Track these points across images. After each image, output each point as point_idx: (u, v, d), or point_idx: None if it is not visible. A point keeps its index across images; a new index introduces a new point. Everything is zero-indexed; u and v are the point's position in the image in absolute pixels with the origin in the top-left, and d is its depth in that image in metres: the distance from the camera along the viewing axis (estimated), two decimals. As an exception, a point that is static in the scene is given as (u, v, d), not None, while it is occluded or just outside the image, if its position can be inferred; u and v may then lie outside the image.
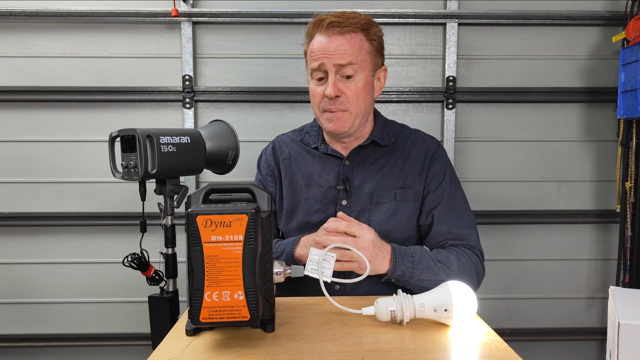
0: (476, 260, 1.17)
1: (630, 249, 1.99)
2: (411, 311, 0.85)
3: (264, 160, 1.33)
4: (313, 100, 1.19)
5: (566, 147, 2.10)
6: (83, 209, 2.06)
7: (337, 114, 1.15)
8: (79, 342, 2.11)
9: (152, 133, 1.16)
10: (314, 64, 1.13)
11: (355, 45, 1.12)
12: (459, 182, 1.28)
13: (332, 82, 1.12)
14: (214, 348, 0.77)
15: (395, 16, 2.01)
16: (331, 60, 1.11)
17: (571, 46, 2.06)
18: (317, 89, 1.16)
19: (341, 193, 1.21)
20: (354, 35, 1.12)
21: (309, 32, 1.18)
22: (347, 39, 1.11)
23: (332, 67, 1.11)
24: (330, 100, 1.13)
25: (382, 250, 1.05)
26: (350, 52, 1.11)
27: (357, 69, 1.13)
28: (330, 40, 1.11)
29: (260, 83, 2.04)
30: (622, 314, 0.68)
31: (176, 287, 1.41)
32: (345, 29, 1.11)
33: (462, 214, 1.22)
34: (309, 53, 1.16)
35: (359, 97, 1.15)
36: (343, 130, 1.17)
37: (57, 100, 2.02)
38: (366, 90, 1.16)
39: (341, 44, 1.11)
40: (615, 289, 0.78)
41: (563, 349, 2.18)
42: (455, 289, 0.85)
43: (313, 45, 1.14)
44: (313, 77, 1.16)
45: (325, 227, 1.05)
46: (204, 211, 0.71)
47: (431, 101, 2.06)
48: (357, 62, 1.12)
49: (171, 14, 1.92)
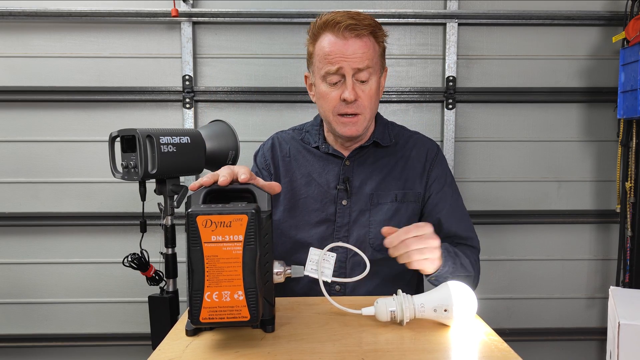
0: (478, 260, 1.21)
1: (630, 249, 1.99)
2: (411, 311, 0.85)
3: (261, 155, 1.32)
4: (326, 104, 1.15)
5: (566, 147, 2.10)
6: (83, 209, 2.06)
7: (353, 118, 1.14)
8: (79, 342, 2.11)
9: (152, 133, 1.16)
10: (331, 67, 1.10)
11: (370, 49, 1.11)
12: (456, 184, 1.30)
13: (351, 86, 1.10)
14: (214, 348, 0.77)
15: (395, 16, 2.01)
16: (350, 64, 1.09)
17: (571, 46, 2.06)
18: (332, 93, 1.13)
19: (341, 193, 1.21)
20: (367, 39, 1.11)
21: (315, 32, 1.14)
22: (364, 42, 1.10)
23: (350, 70, 1.10)
24: (348, 105, 1.12)
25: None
26: (367, 56, 1.10)
27: (372, 72, 1.12)
28: (347, 43, 1.09)
29: (260, 83, 2.04)
30: (622, 314, 0.68)
31: (176, 287, 1.41)
32: (361, 32, 1.09)
33: (464, 216, 1.25)
34: (323, 55, 1.11)
35: (373, 101, 1.15)
36: (358, 133, 1.17)
37: (57, 100, 2.02)
38: (378, 93, 1.17)
39: (359, 47, 1.09)
40: (615, 289, 0.78)
41: (563, 349, 2.18)
42: (455, 289, 0.85)
43: (326, 48, 1.11)
44: (326, 80, 1.13)
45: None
46: (204, 211, 0.71)
47: (431, 101, 2.06)
48: (372, 65, 1.12)
49: (171, 14, 1.92)
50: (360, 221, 1.19)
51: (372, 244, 1.18)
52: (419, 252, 0.95)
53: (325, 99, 1.15)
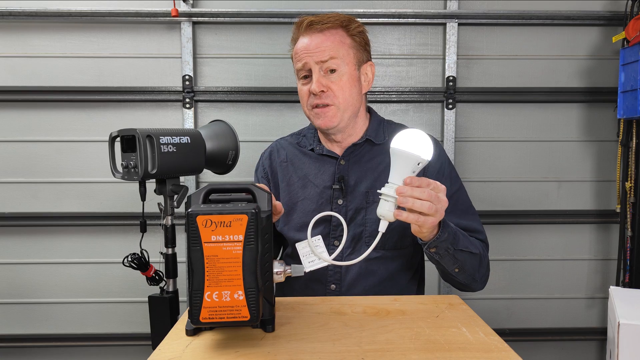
0: (486, 252, 1.18)
1: (630, 249, 1.99)
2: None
3: (260, 165, 1.37)
4: (301, 100, 1.22)
5: (566, 147, 2.10)
6: (83, 209, 2.06)
7: (324, 109, 1.17)
8: (79, 342, 2.11)
9: (152, 133, 1.16)
10: (298, 64, 1.18)
11: (335, 41, 1.15)
12: (459, 176, 1.27)
13: (316, 79, 1.15)
14: (214, 348, 0.77)
15: (395, 16, 2.01)
16: (313, 58, 1.14)
17: (571, 46, 2.06)
18: (304, 88, 1.19)
19: (337, 192, 1.21)
20: (334, 31, 1.16)
21: (293, 36, 1.22)
22: (326, 36, 1.15)
23: (315, 64, 1.15)
24: (315, 96, 1.16)
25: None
26: (330, 47, 1.14)
27: (339, 63, 1.15)
28: (311, 38, 1.16)
29: (260, 83, 2.04)
30: (622, 314, 0.68)
31: (176, 287, 1.41)
32: (324, 26, 1.15)
33: (467, 209, 1.23)
34: (294, 55, 1.20)
35: (345, 91, 1.16)
36: (332, 124, 1.18)
37: (57, 100, 2.02)
38: (352, 84, 1.18)
39: (321, 41, 1.15)
40: (615, 289, 0.78)
41: (563, 349, 2.18)
42: (405, 143, 0.88)
43: (297, 47, 1.19)
44: (299, 77, 1.20)
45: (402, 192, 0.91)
46: (204, 211, 0.71)
47: (431, 101, 2.06)
48: (338, 56, 1.15)
49: (171, 14, 1.92)
50: (356, 220, 1.19)
51: (367, 243, 1.18)
52: (433, 209, 0.89)
53: (300, 95, 1.22)
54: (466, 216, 1.20)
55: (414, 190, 0.87)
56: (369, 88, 1.25)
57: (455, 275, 1.09)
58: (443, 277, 1.16)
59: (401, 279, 1.22)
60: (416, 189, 0.87)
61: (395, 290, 1.19)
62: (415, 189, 0.87)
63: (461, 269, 1.07)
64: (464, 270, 1.08)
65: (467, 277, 1.10)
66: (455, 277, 1.11)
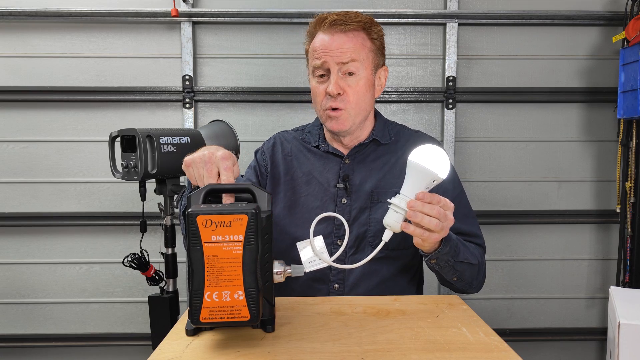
0: (483, 258, 1.20)
1: (630, 249, 1.99)
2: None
3: (261, 152, 1.34)
4: (315, 99, 1.19)
5: (566, 147, 2.10)
6: (83, 209, 2.06)
7: (337, 112, 1.15)
8: (79, 342, 2.11)
9: (152, 133, 1.16)
10: (316, 61, 1.14)
11: (357, 43, 1.13)
12: (460, 180, 1.28)
13: (335, 80, 1.12)
14: (214, 348, 0.77)
15: (395, 16, 2.01)
16: (333, 58, 1.12)
17: (571, 46, 2.06)
18: (319, 87, 1.16)
19: (341, 191, 1.21)
20: (356, 33, 1.13)
21: (310, 31, 1.18)
22: (349, 37, 1.12)
23: (335, 64, 1.12)
24: (331, 98, 1.14)
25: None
26: (352, 50, 1.12)
27: (359, 66, 1.13)
28: (332, 38, 1.12)
29: (260, 83, 2.04)
30: (622, 314, 0.68)
31: (176, 287, 1.41)
32: (347, 27, 1.12)
33: (468, 213, 1.23)
34: (311, 51, 1.16)
35: (360, 95, 1.15)
36: (344, 128, 1.17)
37: (57, 100, 2.02)
38: (367, 88, 1.17)
39: (344, 41, 1.12)
40: (615, 289, 0.78)
41: (563, 349, 2.18)
42: (424, 158, 0.88)
43: (315, 44, 1.15)
44: (315, 74, 1.17)
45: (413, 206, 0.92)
46: (204, 211, 0.71)
47: (431, 101, 2.06)
48: (359, 59, 1.13)
49: (171, 14, 1.92)
50: (360, 219, 1.19)
51: (371, 243, 1.18)
52: (439, 226, 0.90)
53: (314, 93, 1.19)
54: (466, 220, 1.21)
55: (425, 206, 0.88)
56: (380, 92, 1.25)
57: (453, 283, 1.12)
58: (441, 282, 1.17)
59: (402, 279, 1.22)
60: (427, 205, 0.88)
61: (397, 291, 1.19)
62: (426, 205, 0.88)
63: (460, 278, 1.10)
64: (462, 279, 1.11)
65: (464, 284, 1.13)
66: (452, 285, 1.14)
